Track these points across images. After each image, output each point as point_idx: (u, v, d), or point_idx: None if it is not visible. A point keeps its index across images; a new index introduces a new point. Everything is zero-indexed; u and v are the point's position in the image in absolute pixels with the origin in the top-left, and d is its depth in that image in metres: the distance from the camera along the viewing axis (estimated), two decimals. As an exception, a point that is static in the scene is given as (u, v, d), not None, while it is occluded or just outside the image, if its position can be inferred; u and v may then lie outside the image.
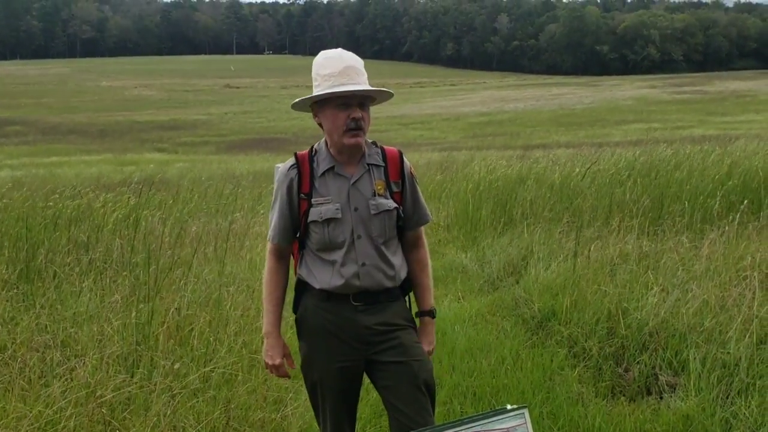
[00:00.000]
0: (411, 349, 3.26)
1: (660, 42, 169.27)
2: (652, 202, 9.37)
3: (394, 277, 3.26)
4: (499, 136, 50.22)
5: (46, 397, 4.11)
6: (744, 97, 75.66)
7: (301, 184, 3.21)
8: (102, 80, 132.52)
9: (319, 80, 3.11)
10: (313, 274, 3.23)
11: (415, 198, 3.35)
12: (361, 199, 3.18)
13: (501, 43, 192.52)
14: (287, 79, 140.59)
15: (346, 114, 3.09)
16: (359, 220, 3.17)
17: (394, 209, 3.23)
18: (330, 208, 3.15)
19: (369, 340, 3.21)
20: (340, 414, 3.31)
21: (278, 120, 73.56)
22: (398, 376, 3.20)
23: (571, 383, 5.26)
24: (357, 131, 3.11)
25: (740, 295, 5.65)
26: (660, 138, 24.64)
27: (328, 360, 3.22)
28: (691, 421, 4.46)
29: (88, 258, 7.01)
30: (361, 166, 3.22)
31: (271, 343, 3.30)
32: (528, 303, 7.01)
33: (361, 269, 3.16)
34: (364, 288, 3.18)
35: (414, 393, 3.18)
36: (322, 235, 3.16)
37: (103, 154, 42.53)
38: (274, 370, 3.33)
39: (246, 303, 5.98)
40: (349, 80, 3.07)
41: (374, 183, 3.21)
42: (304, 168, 3.22)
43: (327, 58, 3.15)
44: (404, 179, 3.29)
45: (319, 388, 3.29)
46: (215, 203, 12.50)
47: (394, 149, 3.32)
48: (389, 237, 3.25)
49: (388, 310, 3.26)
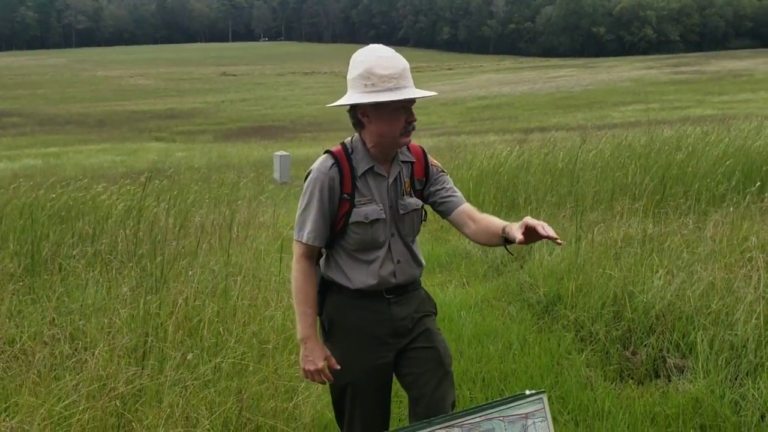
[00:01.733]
0: (437, 335, 3.32)
1: (656, 23, 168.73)
2: (654, 185, 9.37)
3: (420, 270, 3.33)
4: (497, 120, 50.20)
5: (58, 391, 4.12)
6: (741, 77, 75.53)
7: (343, 184, 3.12)
8: (98, 70, 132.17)
9: (374, 80, 2.98)
10: (346, 275, 3.19)
11: (447, 186, 3.31)
12: (394, 198, 3.18)
13: (497, 27, 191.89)
14: (284, 65, 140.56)
15: (406, 117, 3.06)
16: (392, 218, 3.18)
17: (421, 208, 3.26)
18: (375, 208, 3.13)
19: (402, 332, 3.23)
20: (374, 415, 3.31)
21: (276, 107, 73.48)
22: (426, 362, 3.23)
23: (579, 367, 5.28)
24: (410, 132, 3.10)
25: (746, 276, 5.66)
26: (659, 119, 24.61)
27: (365, 359, 3.21)
28: (700, 403, 4.48)
29: (93, 250, 7.02)
30: (396, 164, 3.20)
31: (310, 348, 3.18)
32: (533, 288, 7.02)
33: (396, 267, 3.18)
34: (398, 284, 3.21)
35: (440, 378, 3.22)
36: (364, 236, 3.12)
37: (101, 144, 42.50)
38: (316, 375, 3.21)
39: (253, 293, 5.98)
40: (408, 83, 3.02)
41: (404, 181, 3.21)
42: (345, 167, 3.13)
43: (381, 57, 3.02)
44: (427, 177, 3.28)
45: (349, 390, 3.25)
46: (217, 192, 12.51)
47: (417, 146, 3.29)
48: (416, 234, 3.29)
49: (415, 298, 3.30)
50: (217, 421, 4.12)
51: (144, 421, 3.98)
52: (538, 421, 2.75)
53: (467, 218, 3.24)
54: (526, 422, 2.73)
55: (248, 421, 4.24)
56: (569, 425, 4.48)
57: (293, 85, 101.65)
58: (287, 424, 4.29)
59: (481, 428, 2.70)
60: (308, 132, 48.82)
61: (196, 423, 4.07)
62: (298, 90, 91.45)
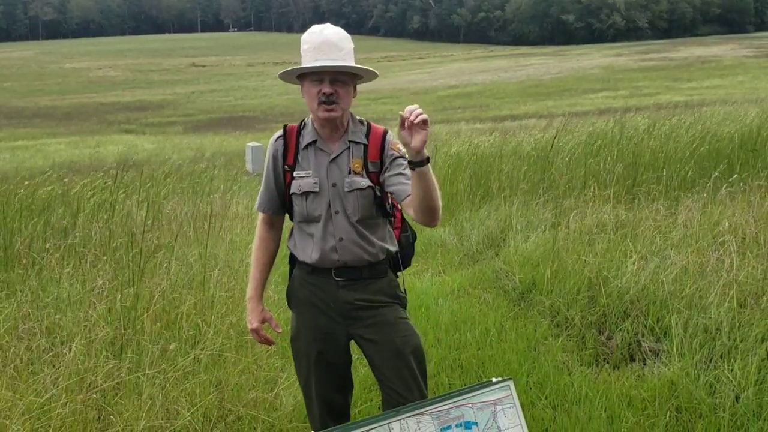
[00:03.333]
0: (394, 325, 3.28)
1: (625, 10, 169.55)
2: (626, 171, 9.46)
3: (375, 254, 3.26)
4: (468, 109, 50.30)
5: (36, 385, 4.10)
6: (709, 63, 76.23)
7: (286, 156, 3.26)
8: (66, 62, 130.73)
9: (303, 53, 3.13)
10: (298, 247, 3.31)
11: (405, 171, 3.20)
12: (339, 176, 3.20)
13: (467, 15, 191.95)
14: (253, 56, 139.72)
15: (318, 89, 3.11)
16: (336, 195, 3.20)
17: (367, 188, 3.21)
18: (308, 181, 3.20)
19: (351, 315, 3.26)
20: (328, 385, 3.36)
21: (246, 98, 73.12)
22: (382, 353, 3.25)
23: (555, 352, 5.33)
24: (330, 105, 3.10)
25: (718, 260, 5.73)
26: (628, 106, 24.80)
27: (314, 329, 3.29)
28: (675, 386, 4.54)
29: (66, 243, 6.95)
30: (343, 142, 3.23)
31: (250, 308, 3.38)
32: (509, 275, 7.07)
33: (338, 244, 3.20)
34: (343, 262, 3.22)
35: (399, 369, 3.22)
36: (302, 208, 3.22)
37: (69, 137, 42.03)
38: (254, 334, 3.39)
39: (230, 284, 5.98)
40: (323, 55, 3.07)
41: (352, 161, 3.22)
42: (291, 140, 3.26)
43: (309, 33, 3.14)
44: (382, 161, 3.24)
45: (304, 359, 3.35)
46: (190, 184, 12.43)
47: (380, 128, 3.30)
48: (365, 215, 3.23)
49: (371, 286, 3.27)
50: (198, 413, 4.12)
51: (124, 413, 3.97)
52: (507, 407, 2.78)
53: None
54: (495, 408, 2.76)
55: (229, 412, 4.25)
56: (547, 410, 4.52)
57: (263, 76, 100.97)
58: (268, 414, 4.30)
59: (451, 415, 2.72)
60: (279, 122, 48.02)
61: (176, 415, 4.06)
62: (269, 80, 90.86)
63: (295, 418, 4.38)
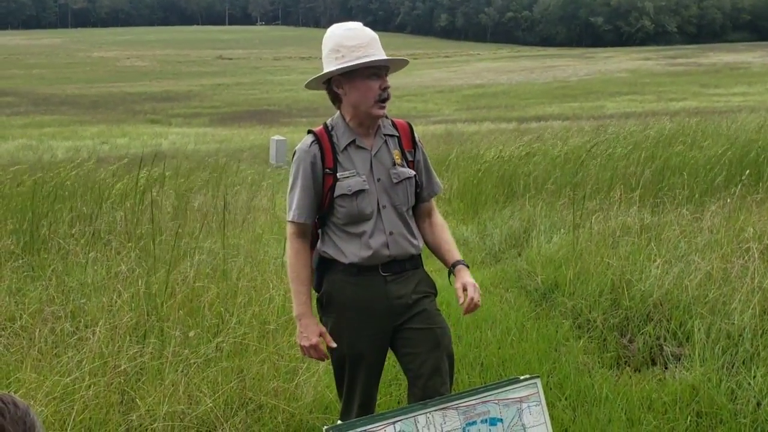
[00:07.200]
0: (435, 316, 3.32)
1: (654, 14, 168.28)
2: (652, 175, 9.41)
3: (417, 245, 3.31)
4: (493, 109, 50.20)
5: (60, 368, 4.15)
6: (737, 69, 75.62)
7: (325, 159, 3.20)
8: (94, 51, 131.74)
9: (344, 51, 3.09)
10: (341, 250, 3.22)
11: (427, 168, 3.41)
12: (383, 170, 3.22)
13: (495, 15, 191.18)
14: (280, 50, 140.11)
15: (378, 84, 3.12)
16: (383, 190, 3.21)
17: (413, 176, 3.28)
18: (357, 180, 3.17)
19: (399, 311, 3.24)
20: (372, 387, 3.36)
21: (271, 92, 73.33)
22: (422, 343, 3.24)
23: (576, 354, 5.31)
24: (385, 102, 3.15)
25: (743, 266, 5.69)
26: (655, 110, 24.65)
27: (358, 333, 3.24)
28: (696, 391, 4.52)
29: (91, 230, 7.02)
30: (379, 137, 3.26)
31: (305, 324, 3.24)
32: (531, 275, 7.06)
33: (389, 238, 3.20)
34: (393, 257, 3.21)
35: (436, 360, 3.24)
36: (351, 208, 3.17)
37: (96, 125, 42.38)
38: (311, 351, 3.26)
39: (253, 274, 6.00)
40: (377, 51, 3.10)
41: (392, 153, 3.26)
42: (325, 143, 3.21)
43: (349, 29, 3.15)
44: (416, 149, 3.34)
45: (347, 362, 3.29)
46: (215, 176, 12.49)
47: (403, 121, 3.38)
48: (411, 204, 3.31)
49: (414, 278, 3.30)
50: (220, 400, 4.15)
51: (147, 398, 4.01)
52: (533, 405, 2.79)
53: (426, 214, 3.43)
54: (521, 406, 2.77)
55: (250, 401, 4.28)
56: (567, 411, 4.51)
57: (290, 70, 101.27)
58: (288, 404, 4.31)
59: (477, 411, 2.73)
60: (304, 117, 48.69)
61: (198, 401, 4.10)
62: (295, 75, 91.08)
63: (315, 409, 4.40)
